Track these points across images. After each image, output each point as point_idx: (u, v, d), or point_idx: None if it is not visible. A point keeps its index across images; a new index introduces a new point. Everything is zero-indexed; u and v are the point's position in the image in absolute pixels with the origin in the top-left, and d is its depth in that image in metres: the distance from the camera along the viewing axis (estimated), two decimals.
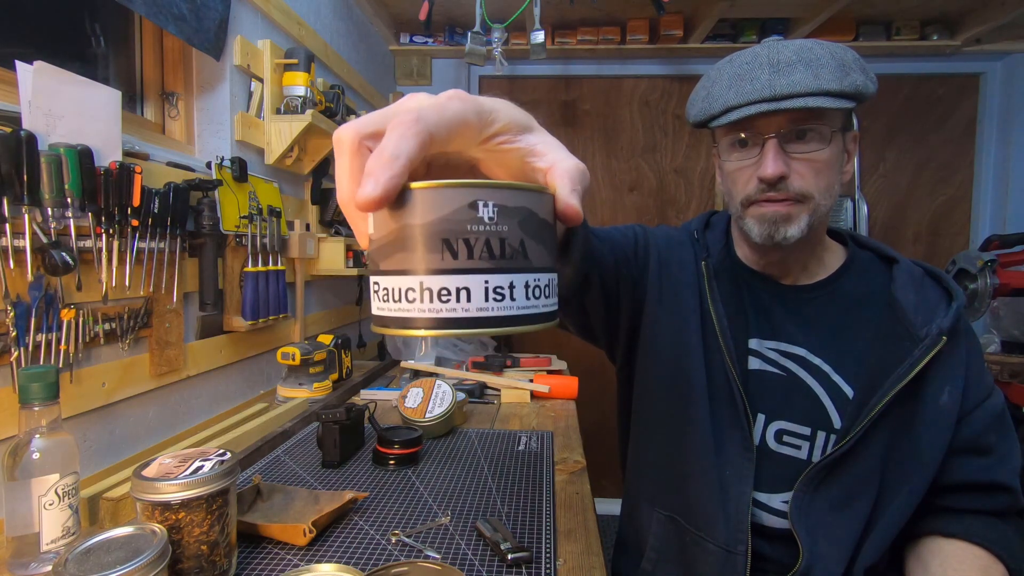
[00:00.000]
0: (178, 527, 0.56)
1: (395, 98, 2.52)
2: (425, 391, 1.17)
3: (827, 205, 0.73)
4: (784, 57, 0.68)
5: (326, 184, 1.69)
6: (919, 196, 2.65)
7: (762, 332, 0.80)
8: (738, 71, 0.71)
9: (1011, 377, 1.90)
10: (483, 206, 0.28)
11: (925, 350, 0.69)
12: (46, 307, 0.77)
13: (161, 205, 0.93)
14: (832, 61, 0.67)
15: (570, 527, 0.78)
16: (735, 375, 0.76)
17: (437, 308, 0.28)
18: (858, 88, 0.67)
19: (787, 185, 0.71)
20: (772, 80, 0.68)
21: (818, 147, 0.70)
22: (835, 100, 0.67)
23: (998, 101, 2.55)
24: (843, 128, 0.72)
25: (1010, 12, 2.08)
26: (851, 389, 0.74)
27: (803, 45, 0.69)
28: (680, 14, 2.31)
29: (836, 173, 0.73)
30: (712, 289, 0.80)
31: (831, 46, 0.69)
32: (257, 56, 1.32)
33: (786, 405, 0.76)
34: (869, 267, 0.81)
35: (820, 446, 0.74)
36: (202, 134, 1.25)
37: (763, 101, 0.68)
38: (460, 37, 2.45)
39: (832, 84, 0.66)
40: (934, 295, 0.75)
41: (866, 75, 0.69)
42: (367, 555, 0.69)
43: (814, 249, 0.80)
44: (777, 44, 0.70)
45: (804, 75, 0.66)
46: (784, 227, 0.73)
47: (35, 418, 0.61)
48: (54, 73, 0.77)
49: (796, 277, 0.81)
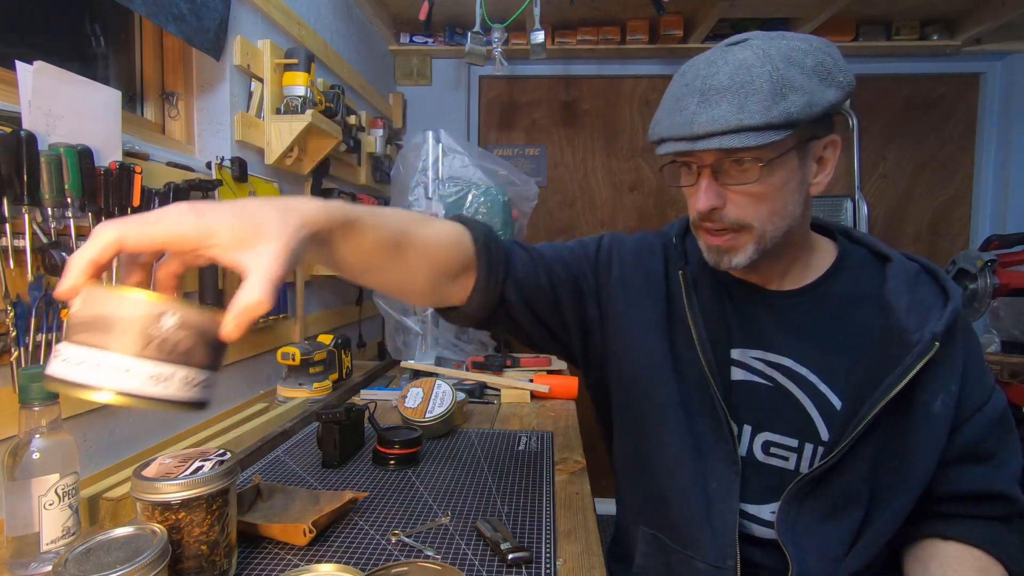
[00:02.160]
0: (178, 527, 0.56)
1: (395, 98, 2.52)
2: (425, 391, 1.17)
3: (777, 229, 0.68)
4: (717, 82, 0.63)
5: (326, 184, 1.70)
6: (919, 196, 2.65)
7: (746, 341, 0.76)
8: (676, 93, 0.67)
9: (1011, 377, 1.90)
10: (168, 316, 0.38)
11: (916, 357, 0.66)
12: (46, 307, 0.77)
13: (161, 205, 0.93)
14: (768, 84, 0.61)
15: (570, 527, 0.78)
16: (715, 387, 0.73)
17: (117, 380, 0.37)
18: (790, 116, 0.60)
19: (723, 216, 0.68)
20: (696, 114, 0.63)
21: (753, 178, 0.65)
22: (758, 136, 0.61)
23: (998, 101, 2.55)
24: (799, 146, 0.66)
25: (1010, 12, 2.08)
26: (839, 400, 0.71)
27: (743, 63, 0.62)
28: (680, 14, 2.32)
29: (786, 195, 0.67)
30: (691, 298, 0.76)
31: (781, 58, 0.62)
32: (257, 56, 1.32)
33: (772, 416, 0.74)
34: (861, 266, 0.76)
35: (808, 457, 0.72)
36: (202, 134, 1.25)
37: (683, 139, 0.65)
38: (460, 37, 2.45)
39: (756, 117, 0.60)
40: (929, 295, 0.71)
41: (816, 90, 0.62)
42: (367, 555, 0.69)
43: (795, 255, 0.75)
44: (721, 59, 0.64)
45: (728, 108, 0.61)
46: (728, 256, 0.70)
47: (35, 418, 0.61)
48: (54, 73, 0.77)
49: (780, 282, 0.77)
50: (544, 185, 2.69)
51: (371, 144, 2.05)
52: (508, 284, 0.74)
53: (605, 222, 2.71)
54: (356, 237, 0.57)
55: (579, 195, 2.72)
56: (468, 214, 1.58)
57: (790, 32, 0.67)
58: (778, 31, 0.68)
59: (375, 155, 2.09)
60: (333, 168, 1.75)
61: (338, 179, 1.86)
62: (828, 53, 0.65)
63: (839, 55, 0.66)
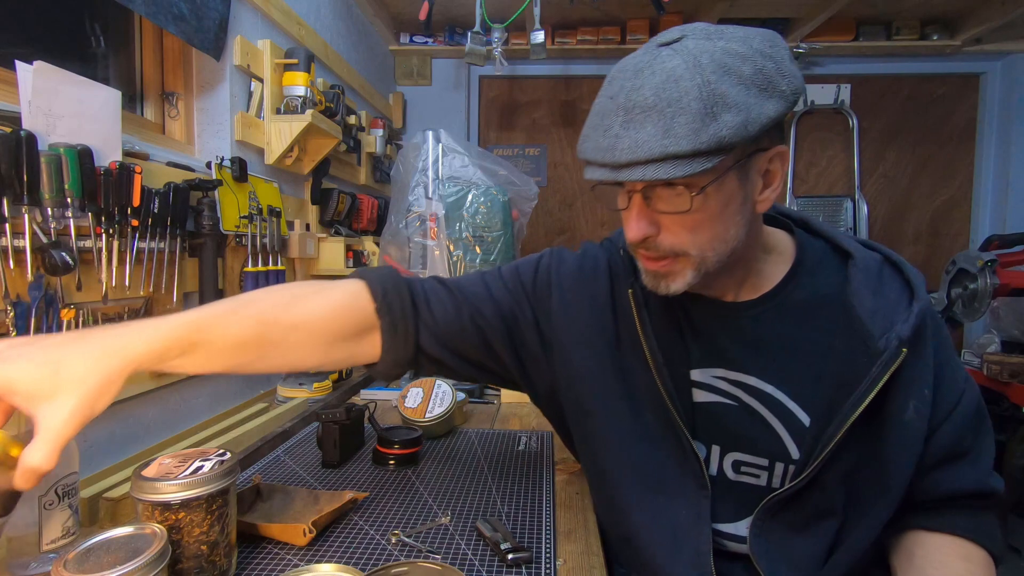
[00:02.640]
0: (178, 527, 0.56)
1: (395, 98, 2.52)
2: (425, 391, 1.17)
3: (718, 254, 0.62)
4: (641, 99, 0.55)
5: (326, 184, 1.70)
6: (919, 196, 2.65)
7: (707, 360, 0.71)
8: (602, 107, 0.59)
9: (1011, 377, 1.91)
10: None
11: (883, 367, 0.61)
12: (46, 307, 0.77)
13: (161, 205, 0.93)
14: (697, 102, 0.53)
15: (570, 527, 0.78)
16: (675, 412, 0.68)
17: None
18: (722, 140, 0.53)
19: (657, 244, 0.62)
20: (619, 137, 0.56)
21: (685, 207, 0.58)
22: (685, 164, 0.54)
23: (998, 101, 2.55)
24: (739, 164, 0.59)
25: (1010, 12, 2.08)
26: (807, 416, 0.67)
27: (671, 75, 0.54)
28: (680, 14, 2.32)
29: (726, 219, 0.60)
30: (643, 319, 0.70)
31: (714, 67, 0.54)
32: (257, 56, 1.32)
33: (740, 437, 0.70)
34: (821, 264, 0.71)
35: (779, 475, 0.69)
36: (202, 134, 1.25)
37: (605, 167, 0.58)
38: (460, 37, 2.45)
39: (682, 144, 0.53)
40: (894, 291, 0.66)
41: (753, 106, 0.54)
42: (367, 555, 0.69)
43: (747, 265, 0.69)
44: (648, 67, 0.56)
45: (652, 132, 0.54)
46: (666, 282, 0.65)
47: None
48: (54, 73, 0.77)
49: (736, 294, 0.70)
50: (544, 185, 2.69)
51: (371, 144, 2.06)
52: (422, 335, 0.72)
53: (605, 222, 2.71)
54: (204, 351, 0.56)
55: (579, 195, 2.72)
56: (468, 214, 1.59)
57: (732, 28, 0.59)
58: (720, 26, 0.60)
59: (375, 155, 2.10)
60: (333, 168, 1.75)
61: (338, 179, 1.86)
62: (771, 57, 0.56)
63: (784, 55, 0.58)
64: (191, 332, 0.55)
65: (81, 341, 0.49)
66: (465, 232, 1.59)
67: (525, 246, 2.02)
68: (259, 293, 0.66)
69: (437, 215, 1.58)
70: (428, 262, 1.59)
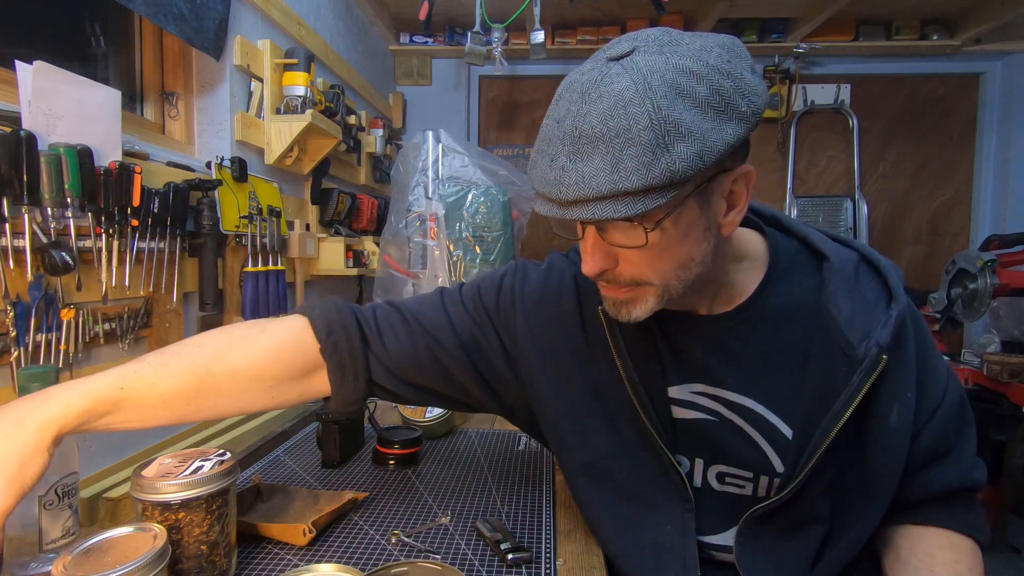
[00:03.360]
0: (178, 527, 0.56)
1: (395, 98, 2.52)
2: None
3: (681, 281, 0.59)
4: (587, 128, 0.50)
5: (326, 184, 1.70)
6: (919, 196, 2.65)
7: (684, 377, 0.68)
8: (547, 134, 0.54)
9: (1011, 377, 1.90)
10: None
11: (864, 375, 0.59)
12: (46, 307, 0.77)
13: (161, 205, 0.93)
14: (647, 132, 0.48)
15: (570, 527, 0.78)
16: (653, 430, 0.66)
17: None
18: (675, 174, 0.48)
19: (616, 276, 0.59)
20: (565, 169, 0.52)
21: (641, 242, 0.54)
22: (635, 201, 0.49)
23: (998, 101, 2.55)
24: (698, 191, 0.55)
25: (1010, 12, 2.08)
26: (788, 428, 0.65)
27: (619, 100, 0.49)
28: (680, 14, 2.32)
29: (688, 246, 0.57)
30: (615, 337, 0.67)
31: (665, 90, 0.49)
32: (257, 56, 1.32)
33: (723, 451, 0.68)
34: (795, 268, 0.68)
35: (764, 486, 0.68)
36: (202, 134, 1.25)
37: (554, 203, 0.54)
38: (460, 37, 2.45)
39: (632, 180, 0.49)
40: (871, 294, 0.64)
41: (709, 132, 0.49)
42: (367, 555, 0.69)
43: (717, 279, 0.65)
44: (596, 89, 0.51)
45: (600, 166, 0.50)
46: (627, 309, 0.61)
47: None
48: (54, 73, 0.77)
49: (710, 307, 0.68)
50: None
51: (371, 144, 2.06)
52: (374, 370, 0.70)
53: None
54: (131, 409, 0.57)
55: None
56: (468, 214, 1.59)
57: (688, 38, 0.53)
58: (674, 34, 0.54)
59: (375, 155, 2.10)
60: (333, 168, 1.75)
61: (338, 179, 1.86)
62: (729, 74, 0.51)
63: (744, 68, 0.53)
64: (113, 391, 0.55)
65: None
66: (465, 232, 1.59)
67: (525, 246, 2.02)
68: (192, 341, 0.65)
69: (437, 215, 1.58)
70: (428, 262, 1.59)
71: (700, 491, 0.70)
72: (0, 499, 0.48)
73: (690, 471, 0.70)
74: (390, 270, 1.62)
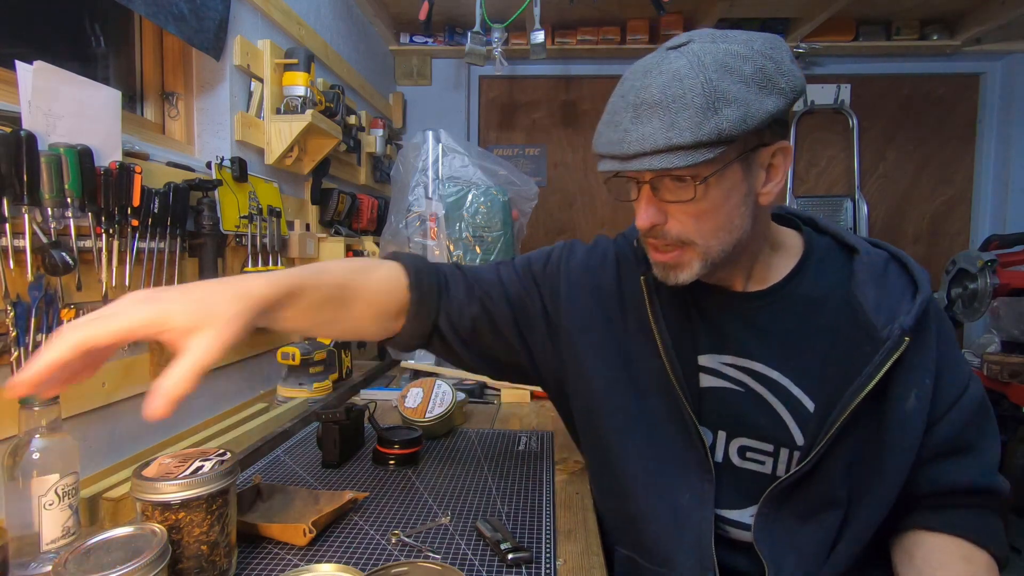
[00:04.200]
0: (178, 527, 0.56)
1: (395, 98, 2.52)
2: (425, 391, 1.17)
3: (722, 244, 0.66)
4: (649, 97, 0.60)
5: (326, 184, 1.70)
6: (919, 196, 2.65)
7: (715, 347, 0.74)
8: (614, 105, 0.64)
9: (1011, 377, 1.91)
10: None
11: (886, 354, 0.63)
12: (46, 307, 0.77)
13: (161, 205, 0.93)
14: (700, 98, 0.57)
15: (570, 527, 0.78)
16: (682, 395, 0.71)
17: None
18: (722, 132, 0.57)
19: (665, 232, 0.66)
20: (628, 131, 0.61)
21: (690, 196, 0.62)
22: (688, 155, 0.58)
23: (998, 101, 2.55)
24: (742, 157, 0.63)
25: (1010, 12, 2.08)
26: (812, 402, 0.69)
27: (676, 74, 0.59)
28: (680, 14, 2.32)
29: (730, 209, 0.64)
30: (654, 305, 0.73)
31: (716, 67, 0.59)
32: (257, 56, 1.32)
33: (746, 422, 0.72)
34: (827, 260, 0.74)
35: (784, 461, 0.71)
36: (202, 134, 1.25)
37: (616, 158, 0.63)
38: (460, 37, 2.45)
39: (686, 136, 0.57)
40: (898, 286, 0.68)
41: (753, 101, 0.58)
42: (367, 555, 0.69)
43: (755, 258, 0.72)
44: (656, 68, 0.61)
45: (658, 126, 0.59)
46: (674, 273, 0.68)
47: (35, 418, 0.61)
48: (54, 73, 0.77)
49: (745, 284, 0.74)
50: (544, 185, 2.69)
51: (371, 144, 2.06)
52: (441, 316, 0.78)
53: (605, 222, 2.71)
54: (302, 301, 0.63)
55: (579, 195, 2.72)
56: (468, 214, 1.59)
57: (736, 32, 0.63)
58: (725, 30, 0.64)
59: (375, 155, 2.10)
60: (333, 168, 1.75)
61: (338, 179, 1.86)
62: (771, 57, 0.60)
63: (786, 57, 0.62)
64: (294, 284, 0.62)
65: (218, 285, 0.56)
66: (465, 232, 1.59)
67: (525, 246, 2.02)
68: (331, 263, 0.74)
69: (437, 215, 1.58)
70: None
71: (721, 466, 0.73)
72: (213, 350, 0.50)
73: (713, 444, 0.74)
74: None
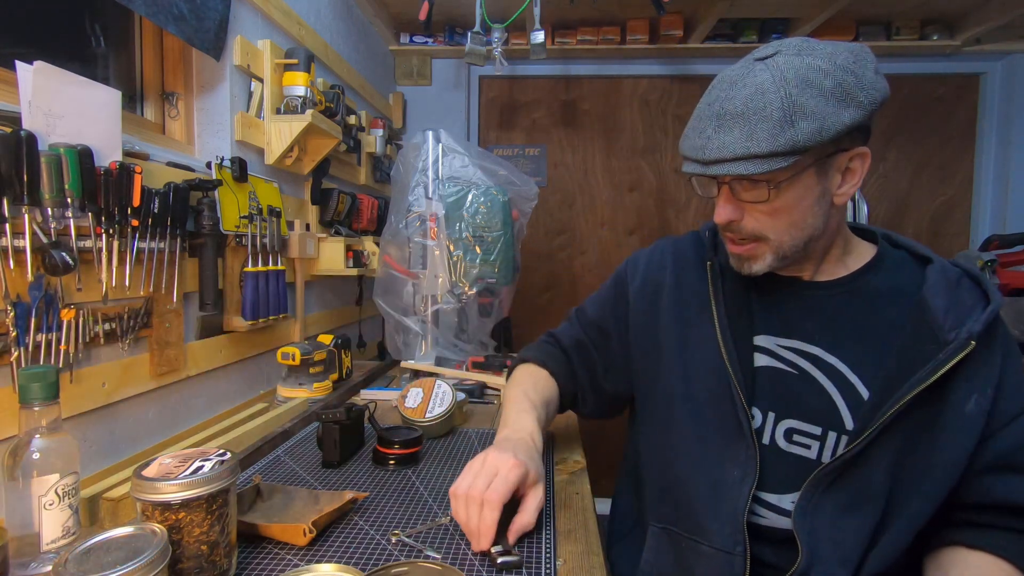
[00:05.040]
0: (178, 527, 0.56)
1: (395, 98, 2.52)
2: (425, 391, 1.17)
3: (794, 240, 0.71)
4: (731, 108, 0.66)
5: (326, 184, 1.69)
6: (919, 196, 2.65)
7: (773, 329, 0.78)
8: (701, 112, 0.70)
9: None
10: None
11: (951, 354, 0.65)
12: (46, 307, 0.77)
13: (161, 205, 0.93)
14: (778, 112, 0.63)
15: (570, 527, 0.78)
16: (732, 372, 0.74)
17: None
18: (796, 144, 0.62)
19: (740, 227, 0.72)
20: (710, 138, 0.67)
21: (763, 198, 0.69)
22: (763, 163, 0.64)
23: (998, 101, 2.55)
24: (818, 163, 0.67)
25: (1010, 12, 2.08)
26: (867, 390, 0.71)
27: (759, 88, 0.64)
28: (680, 14, 2.31)
29: (803, 210, 0.70)
30: (716, 287, 0.80)
31: (797, 82, 0.63)
32: (257, 56, 1.32)
33: (796, 403, 0.74)
34: (900, 266, 0.77)
35: (831, 447, 0.71)
36: (202, 134, 1.25)
37: (697, 162, 0.70)
38: (460, 37, 2.45)
39: (762, 146, 0.63)
40: (970, 298, 0.70)
41: (830, 115, 0.63)
42: (367, 555, 0.69)
43: (826, 253, 0.77)
44: (742, 80, 0.67)
45: (738, 136, 0.65)
46: (748, 264, 0.75)
47: (35, 418, 0.61)
48: (54, 73, 0.77)
49: (814, 275, 0.78)
50: (544, 185, 2.69)
51: (371, 144, 2.05)
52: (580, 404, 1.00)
53: (605, 222, 2.71)
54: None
55: (579, 195, 2.72)
56: (468, 214, 1.59)
57: (823, 45, 0.67)
58: (812, 41, 0.68)
59: (375, 155, 2.10)
60: (333, 168, 1.75)
61: (338, 179, 1.86)
62: (853, 71, 0.64)
63: (868, 69, 0.65)
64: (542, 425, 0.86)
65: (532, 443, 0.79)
66: (465, 232, 1.59)
67: (525, 246, 2.02)
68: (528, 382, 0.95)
69: (437, 215, 1.58)
70: (428, 262, 1.59)
71: (767, 448, 0.75)
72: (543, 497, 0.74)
73: (760, 426, 0.76)
74: (390, 270, 1.62)
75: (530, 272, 2.70)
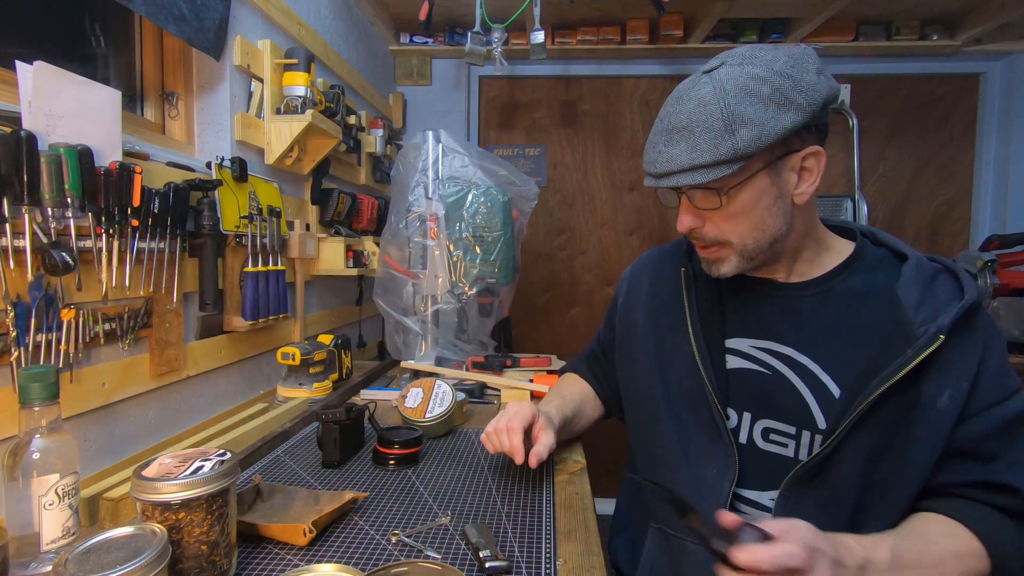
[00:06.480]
0: (178, 527, 0.56)
1: (395, 98, 2.52)
2: (425, 391, 1.17)
3: (758, 242, 0.73)
4: (677, 122, 0.69)
5: (326, 184, 1.69)
6: (919, 196, 2.65)
7: (747, 331, 0.79)
8: (654, 128, 0.74)
9: None
10: None
11: (919, 349, 0.65)
12: (46, 307, 0.77)
13: (161, 205, 0.93)
14: (719, 122, 0.66)
15: (570, 527, 0.78)
16: (705, 375, 0.77)
17: None
18: (738, 151, 0.65)
19: (703, 235, 0.75)
20: (660, 153, 0.71)
21: (716, 205, 0.71)
22: (709, 172, 0.67)
23: (998, 101, 2.55)
24: (769, 166, 0.69)
25: (1010, 12, 2.08)
26: (838, 388, 0.71)
27: (701, 101, 0.67)
28: (680, 14, 2.31)
29: (761, 212, 0.71)
30: (689, 292, 0.83)
31: (736, 92, 0.66)
32: (257, 56, 1.32)
33: (770, 404, 0.75)
34: (879, 265, 0.77)
35: (806, 445, 0.72)
36: (202, 134, 1.25)
37: (652, 176, 0.74)
38: (460, 37, 2.45)
39: (706, 156, 0.66)
40: (945, 293, 0.71)
41: (769, 120, 0.65)
42: (367, 555, 0.69)
43: (798, 254, 0.78)
44: (687, 94, 0.70)
45: (684, 148, 0.68)
46: (716, 266, 0.77)
47: (35, 418, 0.61)
48: (54, 73, 0.77)
49: (787, 276, 0.79)
50: (544, 185, 2.69)
51: (371, 144, 2.05)
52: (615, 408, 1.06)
53: (605, 222, 2.71)
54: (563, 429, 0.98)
55: (579, 195, 2.72)
56: (468, 214, 1.59)
57: (764, 52, 0.69)
58: (756, 49, 0.70)
59: (375, 155, 2.10)
60: (333, 168, 1.75)
61: (338, 179, 1.86)
62: (790, 76, 0.66)
63: (807, 72, 0.67)
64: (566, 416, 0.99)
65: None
66: (465, 232, 1.59)
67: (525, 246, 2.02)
68: (563, 388, 1.08)
69: (437, 215, 1.58)
70: (428, 262, 1.59)
71: (745, 447, 0.77)
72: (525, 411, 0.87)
73: (737, 426, 0.78)
74: (390, 270, 1.62)
75: (530, 272, 2.70)
